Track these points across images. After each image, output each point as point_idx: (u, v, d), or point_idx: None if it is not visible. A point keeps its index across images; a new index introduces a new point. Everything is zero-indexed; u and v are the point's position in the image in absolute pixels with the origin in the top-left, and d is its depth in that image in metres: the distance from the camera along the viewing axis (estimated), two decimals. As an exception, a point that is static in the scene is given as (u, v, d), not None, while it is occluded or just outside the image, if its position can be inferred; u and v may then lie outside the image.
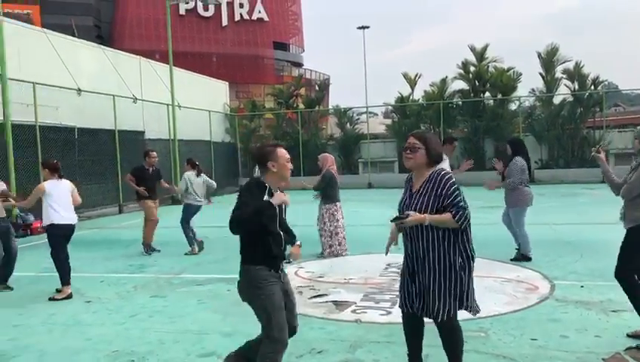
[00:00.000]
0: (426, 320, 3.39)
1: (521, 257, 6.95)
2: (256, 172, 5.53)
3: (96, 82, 16.34)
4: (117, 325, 5.03)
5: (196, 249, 8.60)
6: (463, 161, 8.38)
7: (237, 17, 48.85)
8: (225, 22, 48.39)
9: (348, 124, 26.65)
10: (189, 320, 5.10)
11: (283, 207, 3.45)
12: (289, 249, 3.53)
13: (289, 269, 7.18)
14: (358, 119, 27.14)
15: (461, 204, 3.15)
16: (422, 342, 3.52)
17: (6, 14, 12.23)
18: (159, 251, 8.87)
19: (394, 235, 3.43)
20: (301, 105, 27.53)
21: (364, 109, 27.62)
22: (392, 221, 3.32)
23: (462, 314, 4.93)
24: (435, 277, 3.20)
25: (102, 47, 19.33)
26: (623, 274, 4.22)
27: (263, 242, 3.26)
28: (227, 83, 27.90)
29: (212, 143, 22.76)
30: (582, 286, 5.75)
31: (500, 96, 23.68)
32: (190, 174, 8.88)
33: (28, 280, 6.92)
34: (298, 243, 3.60)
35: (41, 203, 6.17)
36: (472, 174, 13.22)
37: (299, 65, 53.53)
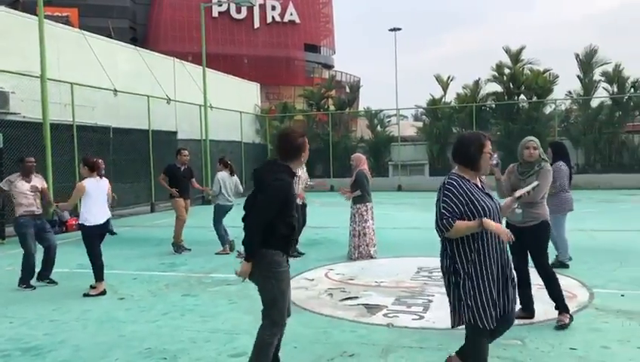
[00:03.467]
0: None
1: (559, 264, 6.75)
2: None
3: (132, 83, 16.65)
4: (149, 323, 5.08)
5: (227, 249, 8.64)
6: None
7: (269, 19, 49.24)
8: (257, 24, 48.84)
9: (378, 127, 26.51)
10: (220, 320, 5.11)
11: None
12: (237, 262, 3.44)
13: (318, 271, 7.16)
14: (389, 121, 26.96)
15: (438, 218, 3.27)
16: None
17: (46, 17, 12.54)
18: (190, 250, 8.95)
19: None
20: (332, 107, 27.53)
21: (395, 112, 27.41)
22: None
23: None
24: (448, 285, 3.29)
25: (137, 48, 19.70)
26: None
27: (283, 226, 3.32)
28: (258, 84, 28.10)
29: (243, 144, 22.94)
30: (622, 295, 5.54)
31: (535, 98, 23.16)
32: (224, 174, 8.93)
33: (62, 276, 7.05)
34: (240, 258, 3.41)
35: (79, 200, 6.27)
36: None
37: (329, 67, 53.54)
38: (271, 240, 3.29)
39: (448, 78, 25.33)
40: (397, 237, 9.97)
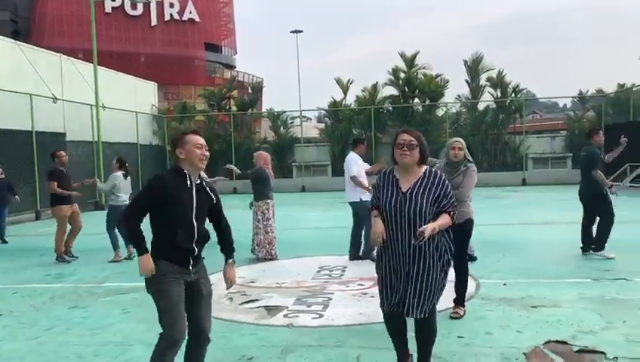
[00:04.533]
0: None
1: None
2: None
3: (11, 80, 15.28)
4: (30, 340, 4.67)
5: (121, 253, 8.20)
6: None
7: (167, 17, 47.50)
8: (154, 21, 46.92)
9: (282, 128, 26.59)
10: (112, 331, 4.82)
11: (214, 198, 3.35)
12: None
13: (218, 275, 6.98)
14: (292, 123, 27.14)
15: (454, 203, 3.33)
16: (406, 336, 3.58)
17: None
18: (77, 258, 8.38)
19: (381, 231, 3.32)
20: (234, 108, 27.16)
21: (298, 113, 27.64)
22: (416, 244, 3.21)
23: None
24: (427, 279, 3.27)
25: (18, 42, 18.12)
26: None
27: (164, 230, 3.11)
28: (156, 84, 27.04)
29: (139, 146, 21.92)
30: (504, 284, 5.98)
31: (428, 102, 24.46)
32: (119, 174, 8.47)
33: None
34: (231, 260, 3.48)
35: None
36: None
37: (231, 67, 52.79)
38: (157, 248, 3.12)
39: (348, 81, 26.02)
40: (299, 237, 10.03)
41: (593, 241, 7.36)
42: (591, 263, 6.95)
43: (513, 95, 24.73)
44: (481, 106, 25.10)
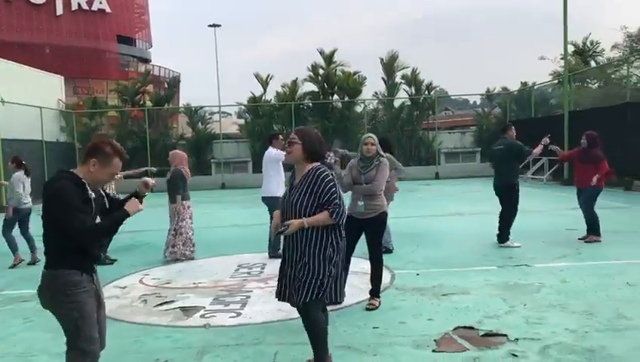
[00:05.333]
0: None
1: (384, 250, 7.29)
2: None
3: None
4: None
5: (21, 256, 7.66)
6: None
7: (74, 7, 44.76)
8: (60, 10, 44.07)
9: (200, 124, 25.97)
10: (12, 342, 4.50)
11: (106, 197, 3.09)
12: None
13: (132, 277, 6.73)
14: (211, 118, 26.60)
15: (337, 201, 3.31)
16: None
17: None
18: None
19: (275, 223, 3.55)
20: (149, 103, 26.15)
21: (217, 109, 27.12)
22: (275, 236, 3.42)
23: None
24: (304, 268, 3.31)
25: None
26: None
27: (79, 245, 2.83)
28: (62, 77, 25.44)
29: (44, 143, 20.53)
30: (417, 274, 6.23)
31: (346, 98, 24.89)
32: (20, 174, 7.88)
33: None
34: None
35: None
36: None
37: (146, 61, 50.73)
38: (64, 258, 2.82)
39: (268, 76, 25.86)
40: (218, 235, 9.87)
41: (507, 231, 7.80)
42: (496, 251, 7.39)
43: (426, 92, 25.74)
44: (396, 103, 25.91)
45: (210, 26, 33.90)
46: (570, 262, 6.60)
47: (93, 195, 2.90)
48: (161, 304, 5.49)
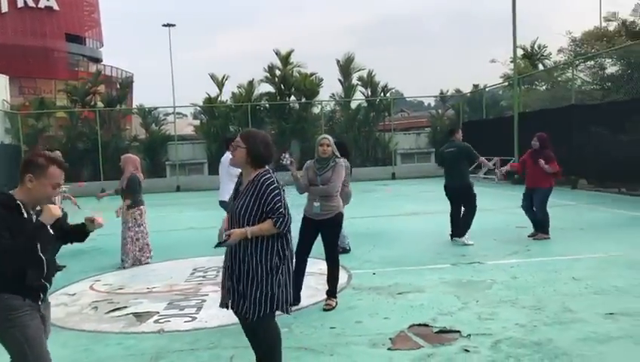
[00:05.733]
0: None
1: (341, 250, 7.30)
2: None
3: None
4: None
5: None
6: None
7: (20, 4, 43.04)
8: (4, 8, 42.28)
9: (154, 125, 25.43)
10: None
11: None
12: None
13: (82, 284, 6.51)
14: (165, 120, 26.08)
15: (281, 210, 3.10)
16: None
17: None
18: None
19: (221, 228, 3.37)
20: (100, 104, 25.40)
21: (172, 109, 26.61)
22: (214, 248, 3.19)
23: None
24: (250, 280, 3.11)
25: None
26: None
27: (16, 269, 2.62)
28: (6, 77, 24.41)
29: (-12, 145, 19.65)
30: (374, 274, 6.29)
31: (303, 99, 24.91)
32: None
33: None
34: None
35: None
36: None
37: (97, 60, 49.26)
38: (3, 282, 2.60)
39: (223, 77, 25.60)
40: (173, 239, 9.67)
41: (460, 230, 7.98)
42: (450, 249, 7.56)
43: (382, 94, 26.08)
44: (353, 105, 26.14)
45: (164, 25, 33.31)
46: (520, 258, 6.81)
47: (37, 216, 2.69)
48: (112, 310, 5.33)
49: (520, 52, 23.58)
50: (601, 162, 13.92)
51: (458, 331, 4.26)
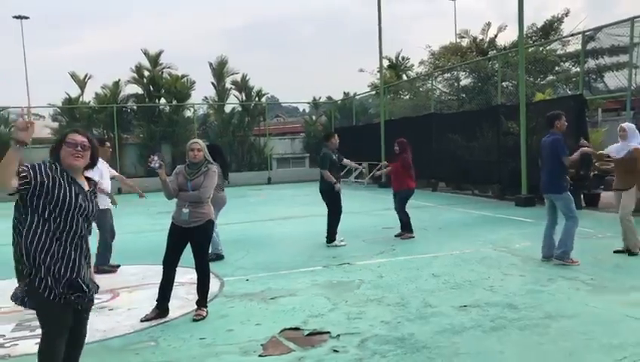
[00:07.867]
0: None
1: (215, 256, 7.08)
2: None
3: None
4: None
5: None
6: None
7: None
8: None
9: (2, 126, 22.90)
10: None
11: None
12: None
13: None
14: (16, 120, 23.57)
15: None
16: None
17: None
18: None
19: None
20: None
21: (25, 110, 24.11)
22: None
23: (134, 326, 4.71)
24: None
25: None
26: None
27: None
28: None
29: None
30: (247, 280, 6.22)
31: (174, 102, 24.05)
32: None
33: None
34: None
35: None
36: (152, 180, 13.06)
37: None
38: None
39: (85, 76, 23.87)
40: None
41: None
42: (322, 252, 7.73)
43: (257, 99, 26.08)
44: (227, 109, 25.81)
45: (15, 17, 30.18)
46: (387, 258, 7.18)
47: None
48: (-55, 338, 4.65)
49: (386, 62, 25.00)
50: (456, 166, 15.23)
51: (328, 332, 4.35)
